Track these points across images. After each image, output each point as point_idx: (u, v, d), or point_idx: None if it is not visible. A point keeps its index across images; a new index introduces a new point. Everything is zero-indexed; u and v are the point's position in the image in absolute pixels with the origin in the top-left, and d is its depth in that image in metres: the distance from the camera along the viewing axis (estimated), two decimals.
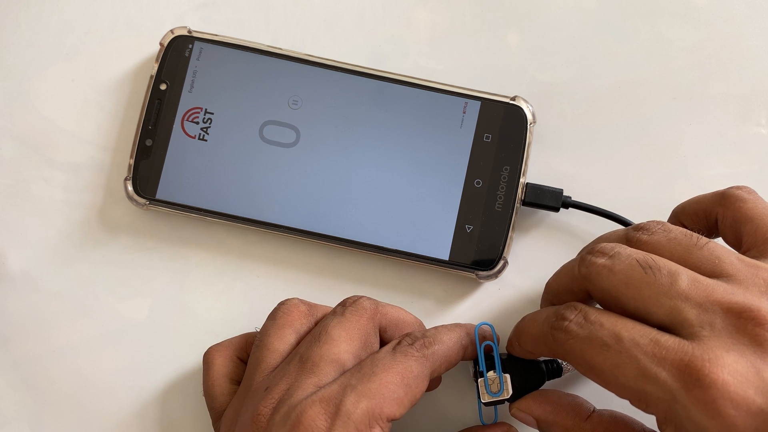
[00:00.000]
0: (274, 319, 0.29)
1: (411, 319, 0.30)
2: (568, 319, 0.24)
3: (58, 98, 0.35)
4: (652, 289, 0.23)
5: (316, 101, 0.34)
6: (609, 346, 0.23)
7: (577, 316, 0.24)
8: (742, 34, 0.35)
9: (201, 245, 0.34)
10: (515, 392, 0.29)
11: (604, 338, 0.23)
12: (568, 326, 0.24)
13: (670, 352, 0.22)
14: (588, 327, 0.23)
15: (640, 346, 0.22)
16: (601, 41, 0.35)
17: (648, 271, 0.23)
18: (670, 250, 0.24)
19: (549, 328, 0.25)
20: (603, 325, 0.23)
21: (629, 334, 0.23)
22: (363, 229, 0.33)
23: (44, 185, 0.35)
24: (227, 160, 0.33)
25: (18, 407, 0.34)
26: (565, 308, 0.25)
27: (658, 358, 0.22)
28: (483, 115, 0.33)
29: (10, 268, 0.34)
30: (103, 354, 0.34)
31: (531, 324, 0.27)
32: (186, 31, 0.34)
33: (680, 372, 0.21)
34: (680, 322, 0.22)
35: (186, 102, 0.34)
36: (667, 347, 0.22)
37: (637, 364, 0.22)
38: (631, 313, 0.24)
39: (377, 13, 0.36)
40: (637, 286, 0.23)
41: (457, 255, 0.33)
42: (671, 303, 0.23)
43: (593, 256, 0.25)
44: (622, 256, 0.24)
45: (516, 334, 0.28)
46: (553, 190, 0.33)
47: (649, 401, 0.22)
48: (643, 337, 0.22)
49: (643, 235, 0.25)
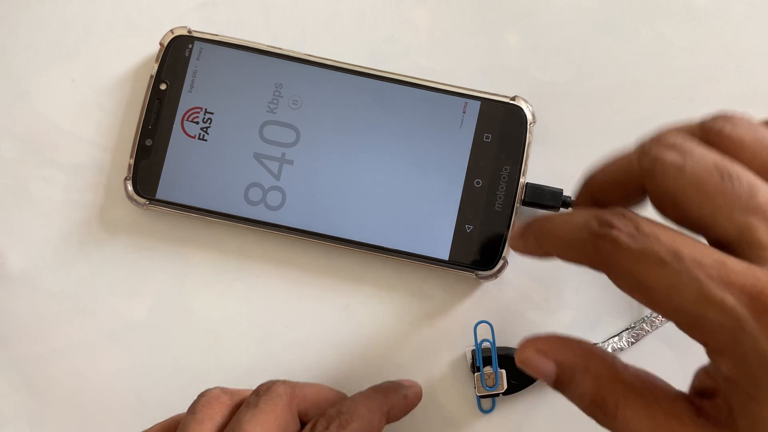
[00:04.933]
0: (194, 413, 0.28)
1: (332, 395, 0.29)
2: (616, 228, 0.20)
3: (58, 98, 0.35)
4: (726, 199, 0.20)
5: (316, 101, 0.34)
6: (666, 263, 0.20)
7: (628, 225, 0.20)
8: (742, 34, 0.35)
9: (201, 245, 0.34)
10: (510, 387, 0.32)
11: (661, 254, 0.20)
12: (618, 236, 0.20)
13: (740, 277, 0.19)
14: (641, 239, 0.20)
15: (703, 266, 0.19)
16: (601, 41, 0.35)
17: (726, 179, 0.20)
18: (753, 151, 0.21)
19: (590, 235, 0.21)
20: (660, 239, 0.20)
21: (691, 252, 0.19)
22: (363, 229, 0.33)
23: (44, 185, 0.35)
24: (227, 160, 0.33)
25: (18, 407, 0.34)
26: (612, 215, 0.21)
27: (725, 281, 0.19)
28: (483, 115, 0.33)
29: (10, 268, 0.34)
30: (103, 354, 0.34)
31: (564, 227, 0.22)
32: (186, 31, 0.34)
33: (750, 299, 0.19)
34: (752, 242, 0.20)
35: (186, 102, 0.34)
36: (736, 271, 0.19)
37: (700, 285, 0.19)
38: (693, 223, 0.21)
39: (377, 13, 0.36)
40: (710, 193, 0.20)
41: (457, 255, 0.33)
42: (746, 219, 0.20)
43: (661, 149, 0.21)
44: (696, 156, 0.20)
45: (537, 233, 0.23)
46: (553, 190, 0.33)
47: (706, 328, 0.19)
48: (706, 256, 0.19)
49: (725, 126, 0.21)
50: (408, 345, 0.34)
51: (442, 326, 0.34)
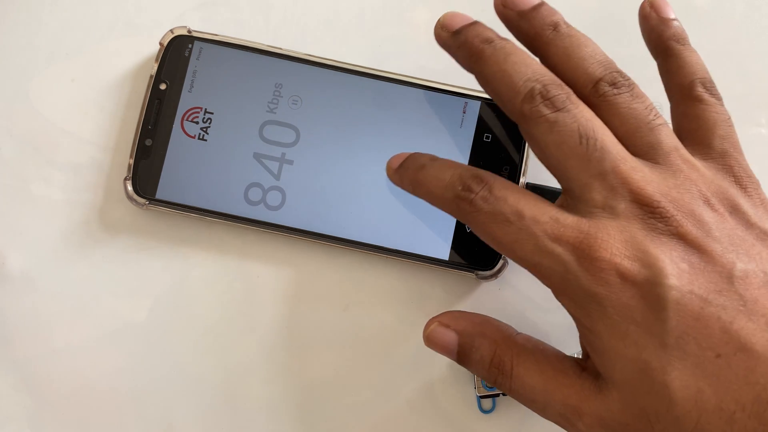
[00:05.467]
0: None
1: None
2: (474, 192, 0.24)
3: (58, 98, 0.35)
4: (578, 161, 0.24)
5: (316, 101, 0.34)
6: (511, 222, 0.24)
7: (483, 189, 0.24)
8: (742, 34, 0.35)
9: (201, 245, 0.34)
10: None
11: (507, 214, 0.24)
12: (474, 199, 0.24)
13: (567, 230, 0.23)
14: (492, 202, 0.24)
15: (539, 223, 0.23)
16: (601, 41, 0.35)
17: (583, 142, 0.24)
18: (621, 118, 0.25)
19: (453, 196, 0.25)
20: (507, 201, 0.24)
21: (531, 212, 0.24)
22: (363, 229, 0.33)
23: (44, 185, 0.35)
24: (227, 160, 0.33)
25: (18, 407, 0.34)
26: (472, 179, 0.25)
27: (555, 235, 0.23)
28: (483, 115, 0.33)
29: (10, 268, 0.34)
30: (103, 354, 0.34)
31: (434, 182, 0.26)
32: (186, 31, 0.34)
33: (574, 248, 0.23)
34: (587, 200, 0.24)
35: (186, 102, 0.34)
36: (566, 225, 0.23)
37: (535, 240, 0.23)
38: (552, 171, 0.25)
39: (377, 13, 0.36)
40: (566, 154, 0.24)
41: (457, 255, 0.33)
42: (587, 180, 0.24)
43: (544, 100, 0.24)
44: (568, 118, 0.24)
45: (412, 180, 0.27)
46: (553, 190, 0.33)
47: (544, 273, 0.24)
48: (544, 214, 0.24)
49: (610, 91, 0.25)
50: (408, 345, 0.34)
51: None
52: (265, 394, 0.34)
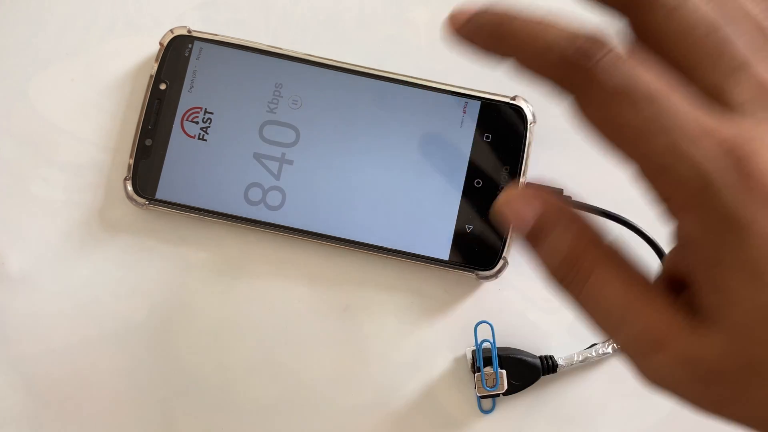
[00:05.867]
0: None
1: None
2: (593, 59, 0.18)
3: (58, 98, 0.35)
4: (715, 49, 0.19)
5: (316, 101, 0.34)
6: (641, 107, 0.18)
7: (610, 55, 0.18)
8: None
9: (201, 245, 0.34)
10: (510, 387, 0.32)
11: (637, 96, 0.18)
12: (594, 69, 0.18)
13: (716, 131, 0.18)
14: (619, 76, 0.18)
15: (679, 116, 0.18)
16: None
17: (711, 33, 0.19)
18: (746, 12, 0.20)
19: (560, 59, 0.19)
20: (639, 78, 0.18)
21: (669, 100, 0.18)
22: (363, 229, 0.33)
23: (44, 185, 0.35)
24: (227, 160, 0.33)
25: (18, 407, 0.34)
26: (591, 41, 0.19)
27: (699, 134, 0.18)
28: (483, 115, 0.33)
29: (10, 268, 0.34)
30: (103, 354, 0.34)
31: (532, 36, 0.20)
32: (186, 31, 0.34)
33: (725, 153, 0.18)
34: (732, 94, 0.19)
35: (186, 102, 0.34)
36: (712, 125, 0.18)
37: (671, 136, 0.18)
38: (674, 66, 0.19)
39: (377, 13, 0.36)
40: (698, 44, 0.19)
41: (457, 255, 0.33)
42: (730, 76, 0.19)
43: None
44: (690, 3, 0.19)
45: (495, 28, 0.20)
46: (553, 190, 0.33)
47: (672, 180, 0.18)
48: (685, 105, 0.18)
49: None
50: (408, 345, 0.34)
51: (442, 326, 0.34)
52: (265, 394, 0.34)
